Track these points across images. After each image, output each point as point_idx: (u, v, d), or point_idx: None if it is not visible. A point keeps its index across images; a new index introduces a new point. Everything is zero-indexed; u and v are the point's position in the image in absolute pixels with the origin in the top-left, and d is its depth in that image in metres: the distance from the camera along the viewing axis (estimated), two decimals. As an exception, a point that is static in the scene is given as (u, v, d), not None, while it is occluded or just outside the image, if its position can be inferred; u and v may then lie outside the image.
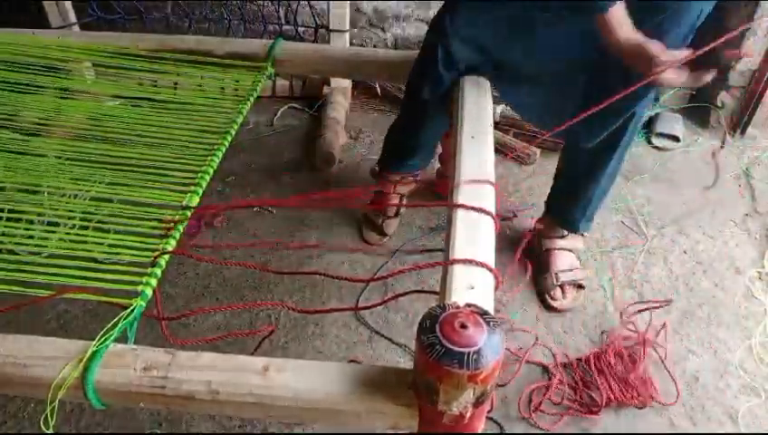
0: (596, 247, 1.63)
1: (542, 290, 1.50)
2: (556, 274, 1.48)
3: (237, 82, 1.40)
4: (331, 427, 1.21)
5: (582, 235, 1.56)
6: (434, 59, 1.25)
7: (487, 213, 0.88)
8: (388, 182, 1.62)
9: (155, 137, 1.22)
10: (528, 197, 1.78)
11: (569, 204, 1.49)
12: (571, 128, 1.25)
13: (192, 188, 1.08)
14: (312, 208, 1.69)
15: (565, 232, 1.53)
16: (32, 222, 1.03)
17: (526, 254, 1.56)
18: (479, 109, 1.15)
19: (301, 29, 2.09)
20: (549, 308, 1.47)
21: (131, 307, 0.81)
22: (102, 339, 0.72)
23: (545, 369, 1.34)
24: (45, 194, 1.07)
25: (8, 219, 1.03)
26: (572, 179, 1.45)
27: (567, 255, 1.52)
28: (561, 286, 1.47)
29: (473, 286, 0.77)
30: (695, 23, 1.09)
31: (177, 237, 0.97)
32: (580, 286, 1.49)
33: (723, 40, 0.97)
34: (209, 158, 1.16)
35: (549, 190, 1.56)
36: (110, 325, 0.75)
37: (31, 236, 0.99)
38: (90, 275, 0.89)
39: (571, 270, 1.49)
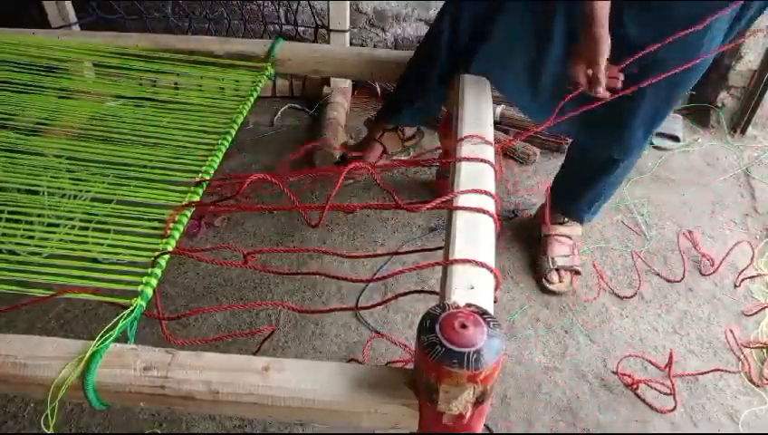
0: (596, 247, 1.63)
1: (539, 273, 1.53)
2: (553, 258, 1.52)
3: (237, 82, 1.40)
4: (331, 427, 1.21)
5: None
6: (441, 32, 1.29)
7: (487, 213, 0.88)
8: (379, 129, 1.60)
9: (155, 137, 1.22)
10: (528, 197, 1.78)
11: (576, 197, 1.51)
12: (600, 141, 1.27)
13: (192, 188, 1.08)
14: (313, 209, 1.68)
15: (565, 219, 1.56)
16: (32, 222, 1.02)
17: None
18: (479, 109, 1.15)
19: (301, 29, 2.09)
20: (545, 291, 1.50)
21: (131, 307, 0.81)
22: (102, 339, 0.72)
23: (545, 368, 1.34)
24: (45, 194, 1.07)
25: (8, 220, 1.03)
26: (584, 176, 1.46)
27: (566, 241, 1.56)
28: (558, 270, 1.51)
29: (473, 286, 0.77)
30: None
31: (177, 237, 0.98)
32: (577, 272, 1.52)
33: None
34: (209, 158, 1.16)
35: (554, 178, 1.57)
36: (110, 325, 0.75)
37: (31, 237, 0.99)
38: (90, 275, 0.89)
39: (568, 256, 1.53)
